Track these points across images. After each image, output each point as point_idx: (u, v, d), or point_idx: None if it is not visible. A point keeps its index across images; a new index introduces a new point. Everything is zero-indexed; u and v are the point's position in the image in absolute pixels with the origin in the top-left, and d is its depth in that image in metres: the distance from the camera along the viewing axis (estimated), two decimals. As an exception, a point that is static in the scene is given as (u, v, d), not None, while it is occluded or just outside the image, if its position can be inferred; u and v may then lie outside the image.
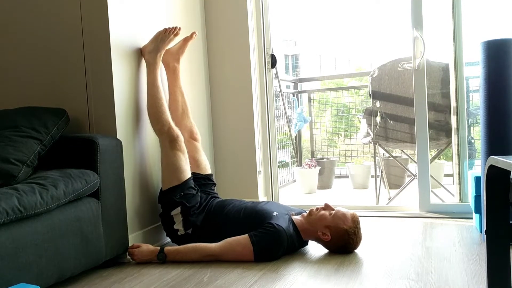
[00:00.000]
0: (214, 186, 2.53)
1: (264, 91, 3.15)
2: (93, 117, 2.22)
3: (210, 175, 2.54)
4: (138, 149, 2.34)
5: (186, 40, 2.54)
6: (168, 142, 2.28)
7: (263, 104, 3.15)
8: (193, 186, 2.32)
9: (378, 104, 3.53)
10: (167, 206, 2.28)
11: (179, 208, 2.25)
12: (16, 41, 2.34)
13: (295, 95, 5.29)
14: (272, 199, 3.19)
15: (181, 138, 2.31)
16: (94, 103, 2.22)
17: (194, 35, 2.55)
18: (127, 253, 2.16)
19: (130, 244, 2.18)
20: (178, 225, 2.26)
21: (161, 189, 2.31)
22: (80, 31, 2.22)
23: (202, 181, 2.46)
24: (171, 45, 2.45)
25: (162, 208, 2.31)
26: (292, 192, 4.58)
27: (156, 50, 2.35)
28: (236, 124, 3.04)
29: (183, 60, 2.59)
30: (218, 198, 2.47)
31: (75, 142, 2.05)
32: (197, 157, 2.51)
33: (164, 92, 2.43)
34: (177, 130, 2.32)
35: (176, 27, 2.38)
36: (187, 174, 2.31)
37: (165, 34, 2.36)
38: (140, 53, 2.37)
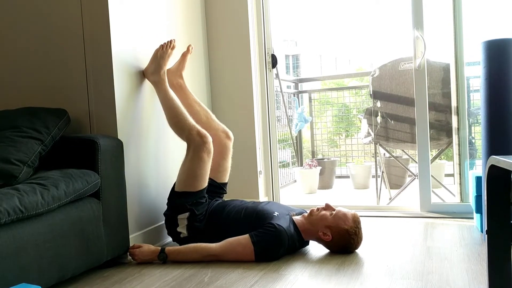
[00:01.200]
0: (223, 195, 2.53)
1: (264, 91, 3.15)
2: (94, 118, 2.22)
3: (225, 184, 2.51)
4: (139, 149, 2.34)
5: (184, 55, 2.54)
6: (198, 144, 2.22)
7: (263, 104, 3.15)
8: (205, 195, 2.31)
9: (378, 104, 3.53)
10: (176, 208, 2.25)
11: (187, 214, 2.23)
12: (17, 42, 2.35)
13: (295, 95, 5.29)
14: (273, 199, 3.19)
15: (210, 139, 2.27)
16: (95, 104, 2.22)
17: (190, 48, 2.54)
18: (128, 253, 2.16)
19: (131, 244, 2.18)
20: (182, 229, 2.25)
21: (174, 188, 2.29)
22: (81, 32, 2.22)
23: (215, 188, 2.43)
24: (171, 59, 2.41)
25: (169, 208, 2.29)
26: (293, 192, 4.58)
27: (158, 69, 2.34)
28: (237, 124, 3.04)
29: (184, 73, 2.57)
30: (220, 200, 2.46)
31: (76, 142, 2.05)
32: (221, 163, 2.47)
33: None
34: (204, 131, 2.27)
35: (171, 40, 2.37)
36: (204, 183, 2.27)
37: (163, 50, 2.35)
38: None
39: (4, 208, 1.52)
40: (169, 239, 2.40)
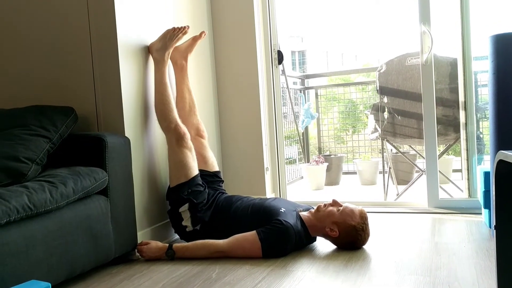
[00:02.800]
0: (222, 183, 2.54)
1: (271, 87, 3.15)
2: (101, 115, 2.24)
3: (218, 172, 2.55)
4: (146, 146, 2.35)
5: (195, 39, 2.54)
6: (175, 139, 2.29)
7: (270, 101, 3.15)
8: (200, 183, 2.33)
9: (385, 99, 3.52)
10: (175, 203, 2.29)
11: (186, 205, 2.26)
12: (24, 41, 2.36)
13: (302, 91, 5.28)
14: (280, 196, 3.19)
15: (188, 135, 2.32)
16: (102, 101, 2.23)
17: (203, 35, 2.54)
18: (136, 250, 2.17)
19: (139, 241, 2.20)
20: (186, 222, 2.27)
21: (169, 186, 2.33)
22: (88, 30, 2.23)
23: (210, 178, 2.46)
24: (179, 43, 2.45)
25: (170, 205, 2.32)
26: (300, 189, 4.58)
27: (164, 48, 2.35)
28: (243, 121, 3.04)
29: (190, 58, 2.59)
30: (226, 194, 2.48)
31: (84, 140, 2.06)
32: (204, 154, 2.52)
33: (172, 89, 2.43)
34: (183, 128, 2.32)
35: (185, 26, 2.39)
36: (194, 171, 2.32)
37: (174, 33, 2.36)
38: (147, 51, 2.38)
39: (13, 206, 1.53)
40: (177, 236, 2.42)
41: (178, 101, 2.51)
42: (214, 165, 2.55)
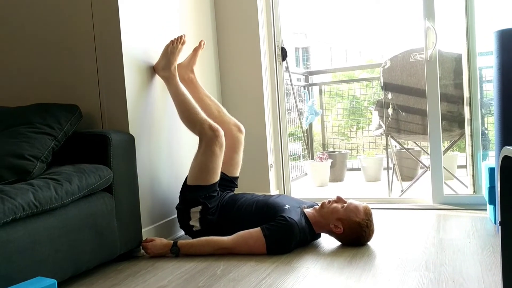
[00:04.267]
0: (235, 188, 2.53)
1: (274, 84, 3.15)
2: (105, 113, 2.24)
3: (236, 178, 2.51)
4: (150, 144, 2.35)
5: (195, 50, 2.54)
6: (210, 139, 2.23)
7: (274, 98, 3.15)
8: (217, 189, 2.31)
9: (390, 95, 3.51)
10: (189, 202, 2.27)
11: (199, 207, 2.25)
12: (29, 40, 2.37)
13: (306, 88, 5.27)
14: (284, 193, 3.19)
15: (222, 132, 2.27)
16: (106, 99, 2.23)
17: (202, 44, 2.54)
18: (141, 247, 2.18)
19: (143, 238, 2.20)
20: (195, 222, 2.26)
21: (186, 182, 2.30)
22: (91, 28, 2.23)
23: (226, 182, 2.44)
24: (181, 55, 2.42)
25: (181, 202, 2.30)
26: (304, 186, 4.58)
27: (169, 64, 2.35)
28: (247, 118, 3.04)
29: (195, 68, 2.57)
30: (231, 193, 2.47)
31: (88, 137, 2.07)
32: (233, 156, 2.47)
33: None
34: (216, 125, 2.27)
35: (181, 36, 2.38)
36: (217, 177, 2.28)
37: (173, 46, 2.36)
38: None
39: (19, 203, 1.54)
40: (182, 232, 2.42)
41: (204, 111, 2.41)
42: (237, 170, 2.51)
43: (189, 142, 2.56)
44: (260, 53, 3.02)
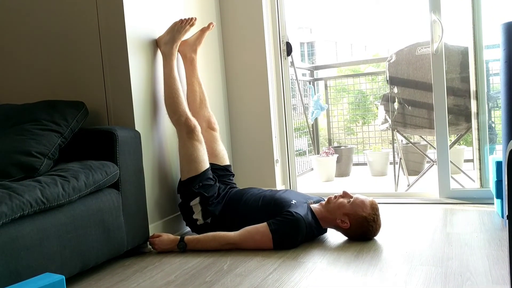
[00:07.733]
0: (233, 177, 2.54)
1: (280, 79, 3.14)
2: (111, 109, 2.25)
3: (229, 166, 2.55)
4: (156, 140, 2.36)
5: (203, 30, 2.54)
6: (185, 132, 2.29)
7: (279, 93, 3.14)
8: (211, 176, 2.34)
9: (395, 90, 3.49)
10: (186, 196, 2.30)
11: (197, 199, 2.27)
12: (34, 36, 2.37)
13: (311, 82, 5.26)
14: (290, 188, 3.19)
15: (199, 128, 2.32)
16: (112, 96, 2.24)
17: (211, 26, 2.54)
18: (148, 243, 2.19)
19: (150, 234, 2.22)
20: (197, 215, 2.28)
21: (180, 179, 2.34)
22: (97, 25, 2.24)
23: (220, 172, 2.47)
24: (187, 35, 2.45)
25: (181, 198, 2.33)
26: (310, 181, 4.58)
27: (172, 41, 2.35)
28: (253, 113, 3.04)
29: (199, 50, 2.59)
30: (237, 188, 2.48)
31: (95, 134, 2.08)
32: (215, 147, 2.52)
33: (181, 82, 2.43)
34: (194, 121, 2.32)
35: (192, 18, 2.38)
36: (205, 164, 2.32)
37: (181, 25, 2.36)
38: (156, 44, 2.38)
39: (26, 200, 1.55)
40: (188, 228, 2.43)
41: (188, 95, 2.51)
42: (225, 159, 2.55)
43: (195, 138, 2.56)
44: (265, 48, 3.01)
